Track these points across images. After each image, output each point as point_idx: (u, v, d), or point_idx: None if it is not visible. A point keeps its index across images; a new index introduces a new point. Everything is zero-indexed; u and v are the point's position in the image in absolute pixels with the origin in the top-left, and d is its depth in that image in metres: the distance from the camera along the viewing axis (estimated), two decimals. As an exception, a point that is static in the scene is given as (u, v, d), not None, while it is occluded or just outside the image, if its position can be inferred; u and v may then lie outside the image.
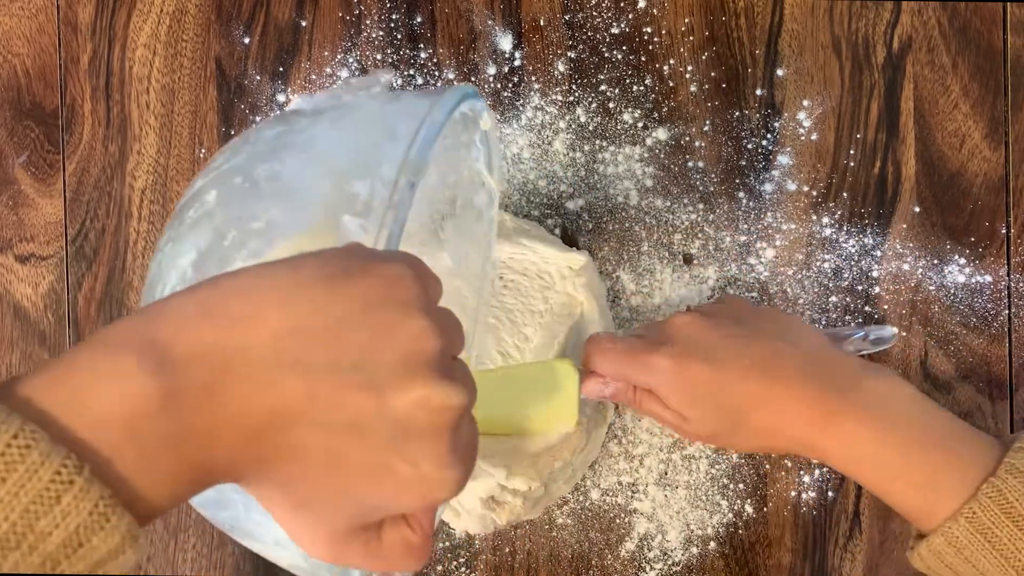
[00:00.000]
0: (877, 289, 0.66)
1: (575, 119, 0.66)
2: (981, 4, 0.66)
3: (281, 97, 0.67)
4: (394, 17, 0.67)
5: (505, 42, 0.67)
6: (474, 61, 0.67)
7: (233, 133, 0.67)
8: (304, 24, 0.67)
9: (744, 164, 0.66)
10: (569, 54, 0.66)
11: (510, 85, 0.67)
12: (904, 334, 0.65)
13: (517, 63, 0.67)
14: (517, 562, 0.65)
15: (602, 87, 0.66)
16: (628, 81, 0.66)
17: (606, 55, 0.66)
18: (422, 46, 0.67)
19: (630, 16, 0.66)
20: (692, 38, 0.66)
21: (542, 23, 0.67)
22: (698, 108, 0.66)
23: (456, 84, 0.64)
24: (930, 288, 0.66)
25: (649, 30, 0.66)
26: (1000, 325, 0.66)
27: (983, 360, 0.65)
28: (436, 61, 0.67)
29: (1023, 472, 0.45)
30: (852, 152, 0.66)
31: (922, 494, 0.47)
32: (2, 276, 0.66)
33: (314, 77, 0.67)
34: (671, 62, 0.66)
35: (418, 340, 0.30)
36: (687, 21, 0.66)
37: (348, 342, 0.29)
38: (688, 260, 0.66)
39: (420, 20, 0.67)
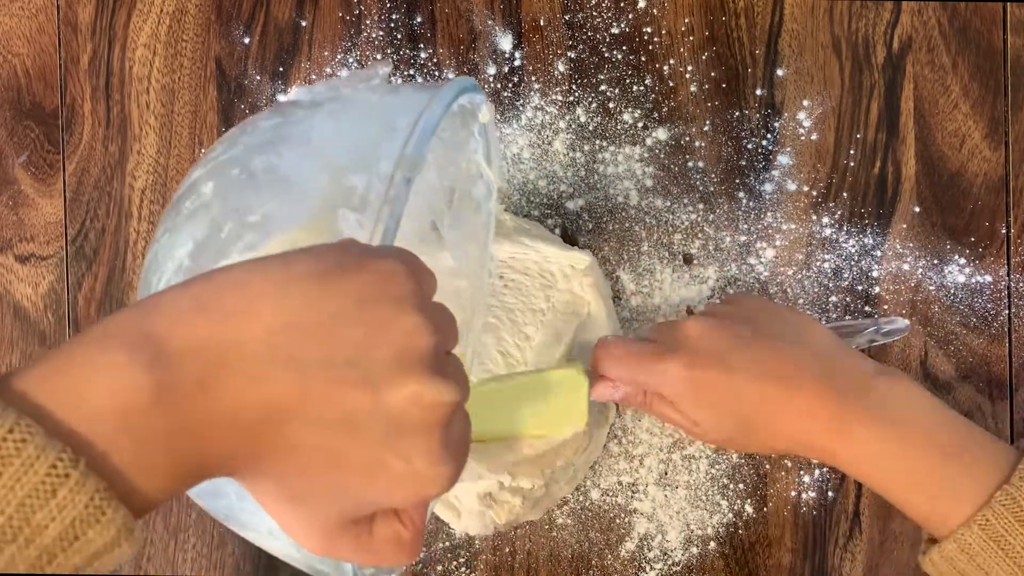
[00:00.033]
0: (877, 289, 0.66)
1: (575, 119, 0.66)
2: (981, 4, 0.66)
3: (281, 97, 0.67)
4: (394, 17, 0.67)
5: (505, 42, 0.67)
6: (474, 61, 0.67)
7: (233, 133, 0.67)
8: (304, 24, 0.67)
9: (744, 164, 0.66)
10: (569, 54, 0.67)
11: (510, 85, 0.67)
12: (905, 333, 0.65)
13: (517, 63, 0.67)
14: (517, 562, 0.65)
15: (602, 87, 0.66)
16: (628, 81, 0.66)
17: (606, 55, 0.66)
18: (422, 46, 0.67)
19: (630, 16, 0.66)
20: (692, 38, 0.66)
21: (542, 23, 0.67)
22: (698, 108, 0.66)
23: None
24: (930, 288, 0.65)
25: (649, 30, 0.66)
26: (1000, 325, 0.65)
27: (983, 360, 0.65)
28: (436, 61, 0.67)
29: None
30: (852, 152, 0.66)
31: (935, 500, 0.47)
32: (2, 276, 0.67)
33: (314, 77, 0.67)
34: (671, 62, 0.66)
35: (412, 336, 0.30)
36: (687, 21, 0.66)
37: (342, 338, 0.29)
38: (688, 260, 0.66)
39: (420, 20, 0.67)
